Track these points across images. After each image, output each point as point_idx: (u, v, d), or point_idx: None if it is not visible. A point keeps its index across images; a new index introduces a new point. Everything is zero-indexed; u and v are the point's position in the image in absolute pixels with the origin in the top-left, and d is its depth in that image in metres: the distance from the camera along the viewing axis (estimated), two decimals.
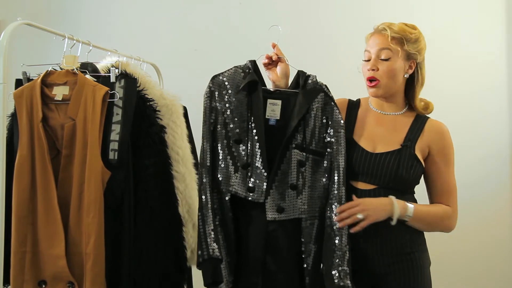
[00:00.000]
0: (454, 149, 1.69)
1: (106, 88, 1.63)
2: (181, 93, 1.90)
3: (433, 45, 1.75)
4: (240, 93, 1.61)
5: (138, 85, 1.72)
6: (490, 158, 2.65)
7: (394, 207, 1.55)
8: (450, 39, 2.65)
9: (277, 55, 1.69)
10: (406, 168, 1.61)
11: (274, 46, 1.70)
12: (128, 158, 1.65)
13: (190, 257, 1.77)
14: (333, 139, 1.60)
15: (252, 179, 1.58)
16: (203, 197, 1.58)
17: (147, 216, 1.66)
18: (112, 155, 1.61)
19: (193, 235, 1.76)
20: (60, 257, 1.55)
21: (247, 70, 1.64)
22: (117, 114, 1.64)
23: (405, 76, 1.66)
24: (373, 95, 1.69)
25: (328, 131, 1.61)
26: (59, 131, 1.62)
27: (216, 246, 1.54)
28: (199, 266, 1.56)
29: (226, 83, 1.63)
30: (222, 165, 1.60)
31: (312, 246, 1.58)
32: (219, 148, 1.61)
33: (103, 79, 1.68)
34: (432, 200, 1.71)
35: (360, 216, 1.52)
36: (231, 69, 1.66)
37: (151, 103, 1.74)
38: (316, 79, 1.64)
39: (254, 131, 1.58)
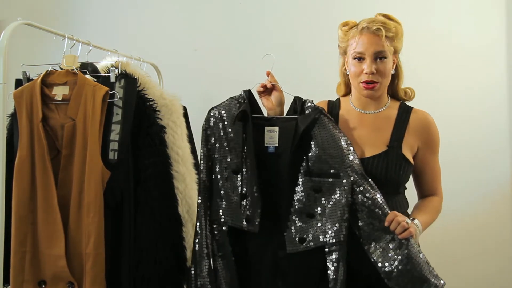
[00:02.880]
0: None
1: (106, 88, 1.63)
2: (181, 93, 1.90)
3: (432, 43, 1.73)
4: (236, 124, 1.58)
5: (138, 85, 1.72)
6: (490, 156, 2.64)
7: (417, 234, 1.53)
8: (449, 36, 2.64)
9: (271, 82, 1.65)
10: (394, 170, 1.58)
11: (268, 74, 1.66)
12: (128, 158, 1.65)
13: (190, 257, 1.76)
14: (338, 159, 1.52)
15: (248, 210, 1.54)
16: (197, 226, 1.59)
17: (147, 216, 1.66)
18: (112, 155, 1.61)
19: (193, 235, 1.76)
20: (60, 257, 1.55)
21: (241, 101, 1.61)
22: (117, 114, 1.64)
23: (392, 72, 1.64)
24: (369, 97, 1.63)
25: (331, 153, 1.53)
26: (59, 131, 1.62)
27: (206, 280, 1.56)
28: None
29: (223, 114, 1.61)
30: (221, 197, 1.58)
31: (340, 271, 1.50)
32: (219, 179, 1.59)
33: (103, 79, 1.69)
34: (420, 189, 1.71)
35: (408, 221, 1.49)
36: (226, 100, 1.63)
37: (151, 103, 1.74)
38: (313, 103, 1.58)
39: (248, 161, 1.55)
